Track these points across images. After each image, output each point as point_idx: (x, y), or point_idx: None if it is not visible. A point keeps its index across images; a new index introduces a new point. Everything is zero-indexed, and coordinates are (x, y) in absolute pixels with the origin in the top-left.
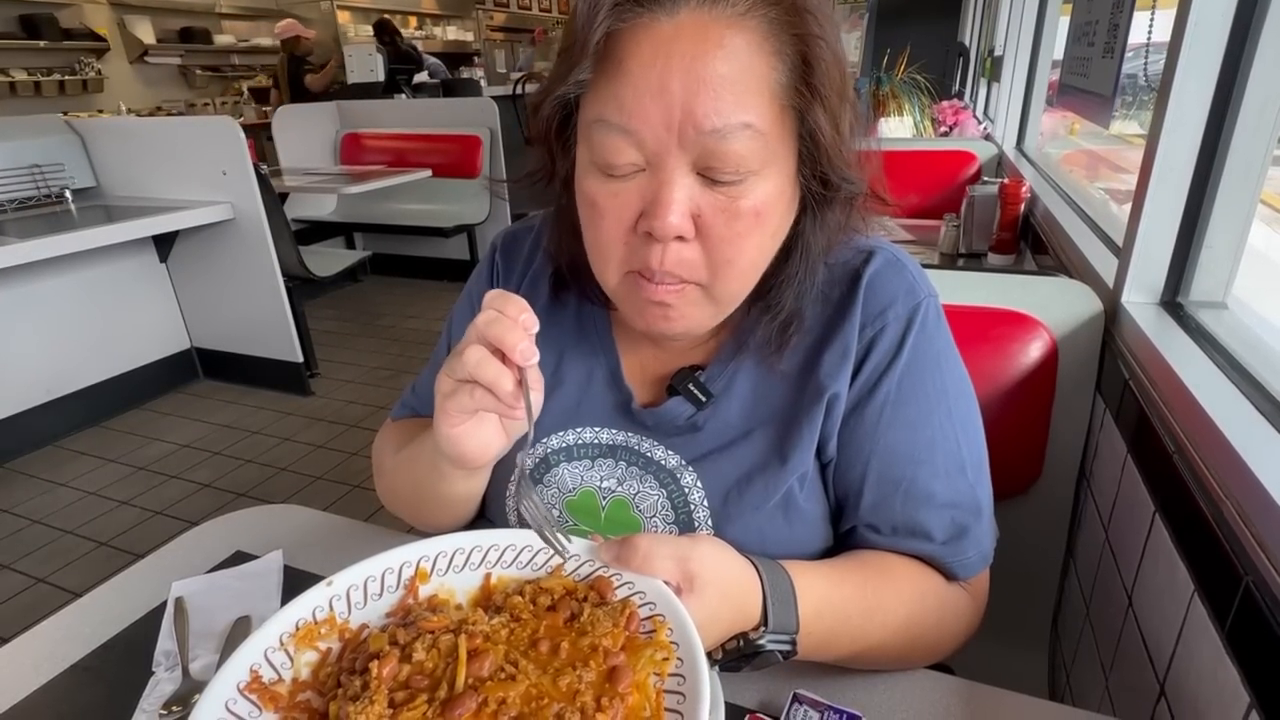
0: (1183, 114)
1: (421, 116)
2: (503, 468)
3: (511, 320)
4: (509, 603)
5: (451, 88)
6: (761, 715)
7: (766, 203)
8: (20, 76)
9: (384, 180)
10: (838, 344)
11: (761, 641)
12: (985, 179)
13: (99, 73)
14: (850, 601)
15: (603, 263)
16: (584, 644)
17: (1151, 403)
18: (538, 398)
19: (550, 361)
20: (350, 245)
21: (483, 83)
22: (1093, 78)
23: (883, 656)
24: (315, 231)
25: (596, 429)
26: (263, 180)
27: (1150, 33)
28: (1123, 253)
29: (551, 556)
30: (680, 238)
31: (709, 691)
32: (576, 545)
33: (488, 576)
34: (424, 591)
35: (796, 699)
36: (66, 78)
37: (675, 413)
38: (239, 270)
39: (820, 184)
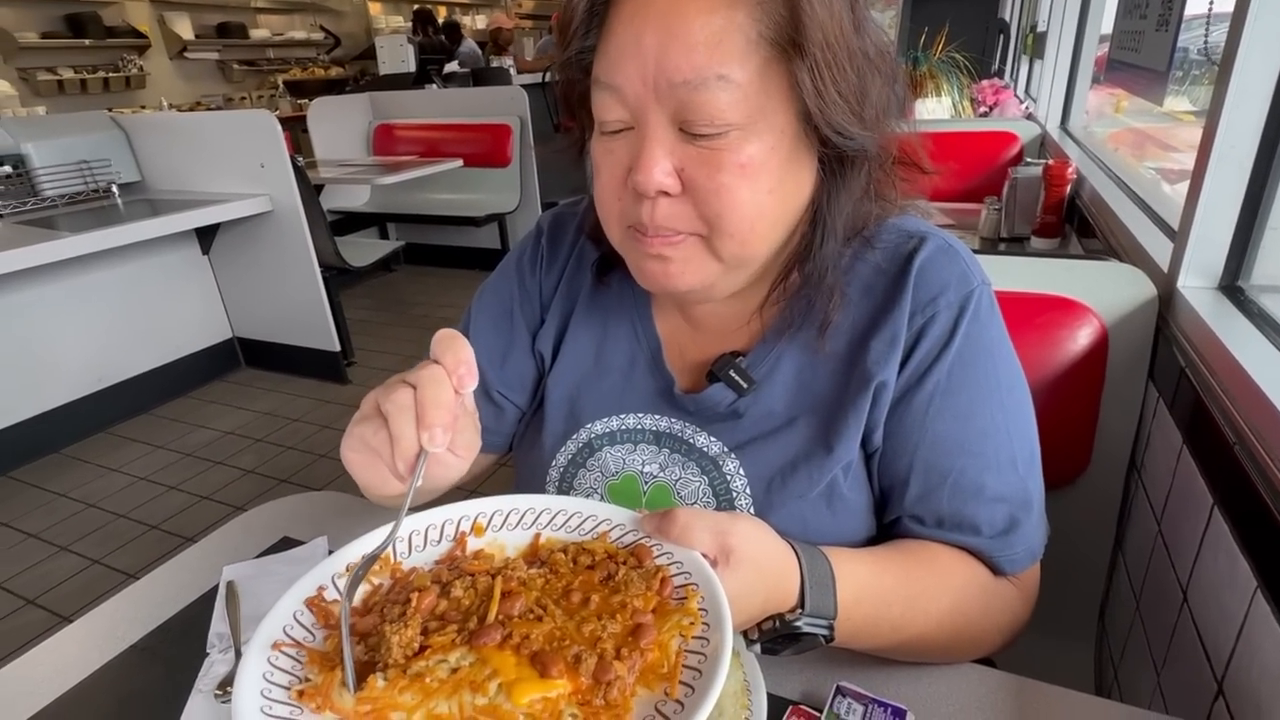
0: (1246, 89)
1: (452, 106)
2: (537, 461)
3: (444, 390)
4: (551, 558)
5: (481, 76)
6: (804, 707)
7: (754, 158)
8: (68, 75)
9: (416, 170)
10: (886, 331)
11: (798, 623)
12: (1028, 160)
13: (141, 69)
14: (892, 590)
15: (606, 220)
16: (614, 600)
17: (1210, 391)
18: (450, 466)
19: (592, 347)
20: (384, 235)
21: (512, 71)
22: (1145, 52)
23: (926, 648)
24: (350, 222)
25: (639, 414)
26: (299, 172)
27: (1211, 3)
28: (1178, 235)
29: (599, 523)
30: (665, 193)
31: (728, 658)
32: (621, 516)
33: (537, 536)
34: (476, 544)
35: (840, 691)
36: (110, 75)
37: (716, 399)
38: (278, 261)
39: (820, 143)
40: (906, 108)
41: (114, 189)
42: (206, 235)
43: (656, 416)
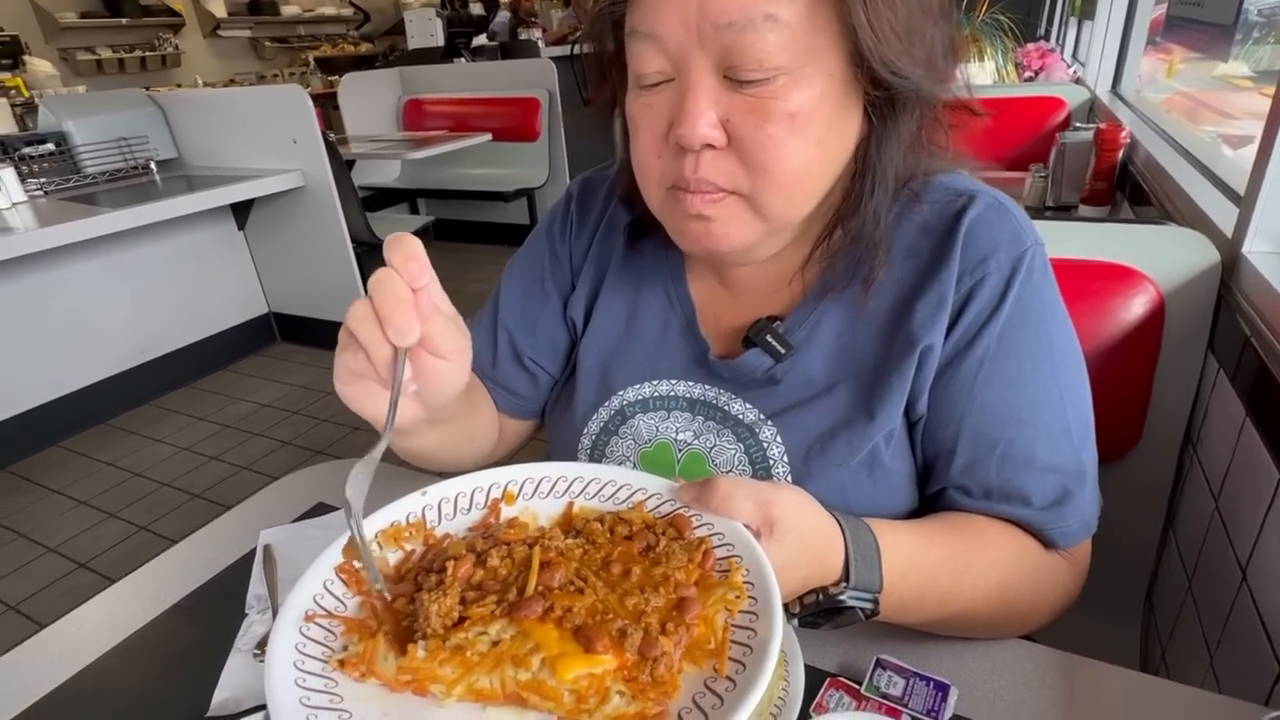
0: None
1: (480, 80)
2: (568, 429)
3: (398, 285)
4: (588, 528)
5: (509, 49)
6: (843, 679)
7: (804, 105)
8: (106, 54)
9: (445, 145)
10: (933, 293)
11: (842, 597)
12: (1077, 125)
13: (176, 48)
14: (938, 563)
15: (644, 180)
16: (656, 573)
17: (1278, 360)
18: (443, 372)
19: (624, 313)
20: (414, 211)
21: (540, 43)
22: (1209, 6)
23: (972, 623)
24: (380, 198)
25: (673, 381)
26: (330, 147)
27: None
28: (1245, 198)
29: (635, 492)
30: (710, 146)
31: (779, 636)
32: (657, 484)
33: (570, 504)
34: (509, 513)
35: (880, 664)
36: (147, 54)
37: (753, 365)
38: (311, 236)
39: (870, 84)
40: (957, 47)
41: (152, 166)
42: (241, 211)
43: (690, 383)
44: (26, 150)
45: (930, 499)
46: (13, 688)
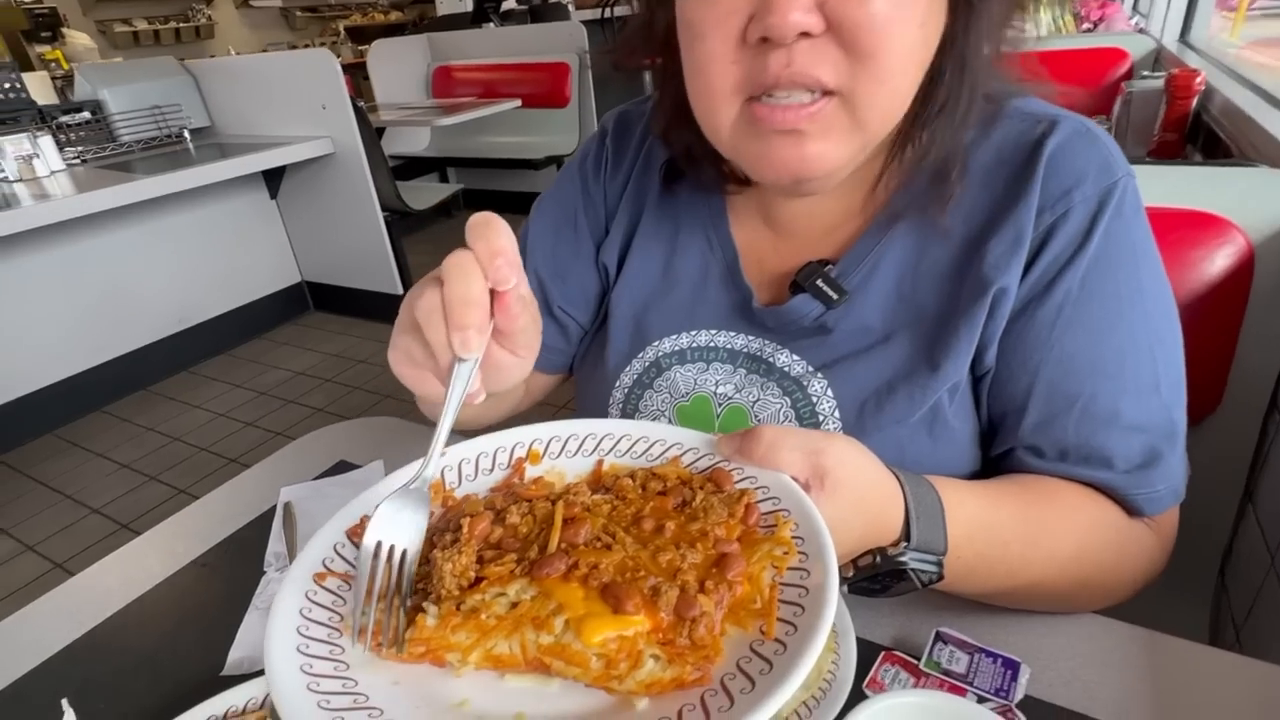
0: None
1: (509, 44)
2: (599, 382)
3: (473, 283)
4: (617, 485)
5: (539, 13)
6: (899, 653)
7: None
8: (141, 26)
9: (474, 112)
10: (1008, 230)
11: (902, 558)
12: (1144, 74)
13: (209, 19)
14: (1008, 526)
15: (710, 100)
16: (693, 528)
17: None
18: (509, 370)
19: (660, 258)
20: (444, 180)
21: (570, 6)
22: None
23: (1044, 595)
24: (410, 168)
25: (712, 331)
26: (359, 113)
27: None
28: None
29: (669, 448)
30: (805, 34)
31: (835, 593)
32: (693, 439)
33: (599, 463)
34: (534, 473)
35: (940, 638)
36: (181, 25)
37: (801, 312)
38: (342, 204)
39: None
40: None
41: (185, 134)
42: (274, 179)
43: (732, 333)
44: (64, 119)
45: (994, 462)
46: (29, 641)
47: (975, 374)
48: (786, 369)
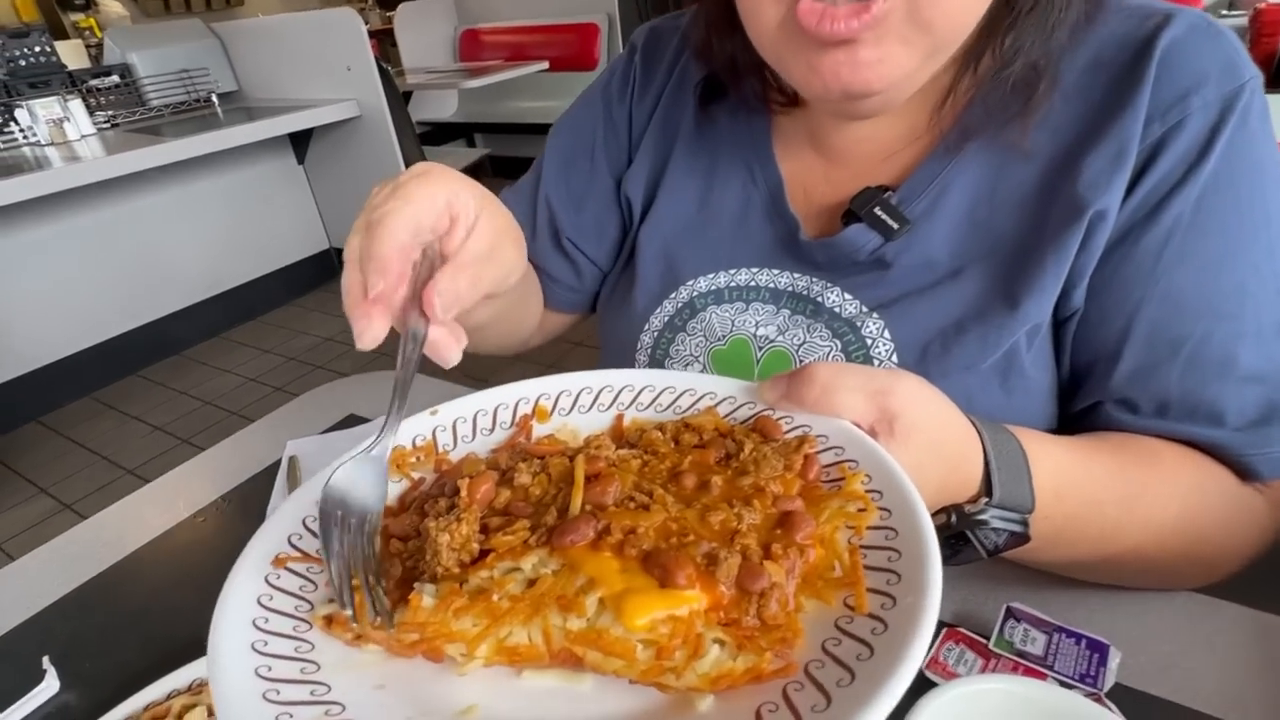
0: None
1: (538, 6)
2: (625, 327)
3: (384, 241)
4: (645, 439)
5: None
6: (964, 630)
7: None
8: None
9: (501, 74)
10: (1108, 143)
11: (984, 516)
12: (1223, 13)
13: None
14: (1102, 485)
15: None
16: (744, 484)
17: None
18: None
19: (695, 190)
20: (470, 146)
21: None
22: None
23: (1138, 567)
24: (437, 134)
25: (753, 269)
26: (384, 74)
27: None
28: None
29: (700, 398)
30: None
31: (937, 550)
32: (729, 386)
33: (619, 417)
34: (541, 431)
35: (1012, 614)
36: None
37: (856, 244)
38: (368, 170)
39: None
40: None
41: (214, 98)
42: (301, 144)
43: (775, 271)
44: (94, 83)
45: (1074, 419)
46: (15, 596)
47: (1058, 317)
48: (837, 309)
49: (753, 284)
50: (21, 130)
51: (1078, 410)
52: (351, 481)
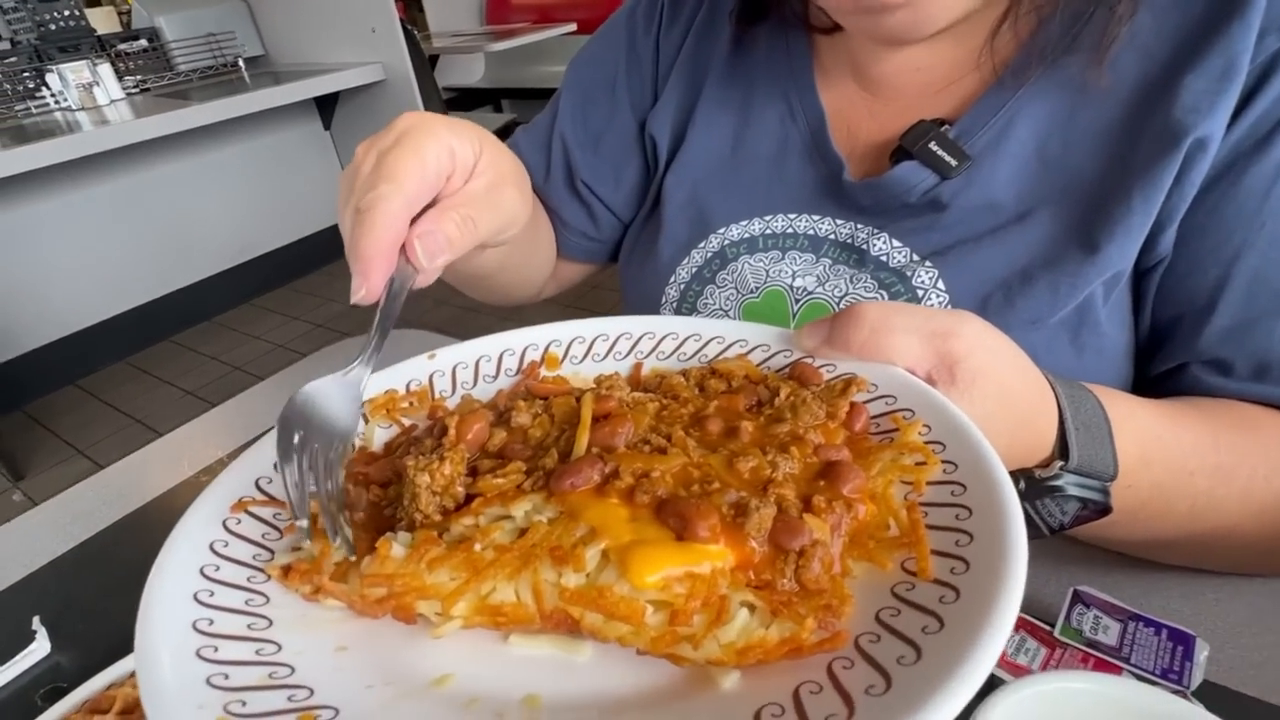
0: None
1: None
2: (650, 278)
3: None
4: (666, 384)
5: None
6: (1026, 616)
7: None
8: None
9: (527, 36)
10: (1213, 59)
11: (1059, 482)
12: None
13: None
14: (1193, 452)
15: None
16: (779, 431)
17: None
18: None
19: (729, 129)
20: (498, 112)
21: None
22: None
23: (1230, 548)
24: (464, 100)
25: (791, 215)
26: (409, 36)
27: None
28: None
29: (729, 346)
30: None
31: (1018, 507)
32: (762, 333)
33: (637, 366)
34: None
35: (1080, 599)
36: None
37: (907, 185)
38: None
39: None
40: None
41: (240, 63)
42: (327, 109)
43: (815, 217)
44: (122, 47)
45: (1153, 383)
46: (10, 554)
47: (1140, 266)
48: (884, 257)
49: (790, 231)
50: (53, 95)
51: (1158, 373)
52: (317, 404)
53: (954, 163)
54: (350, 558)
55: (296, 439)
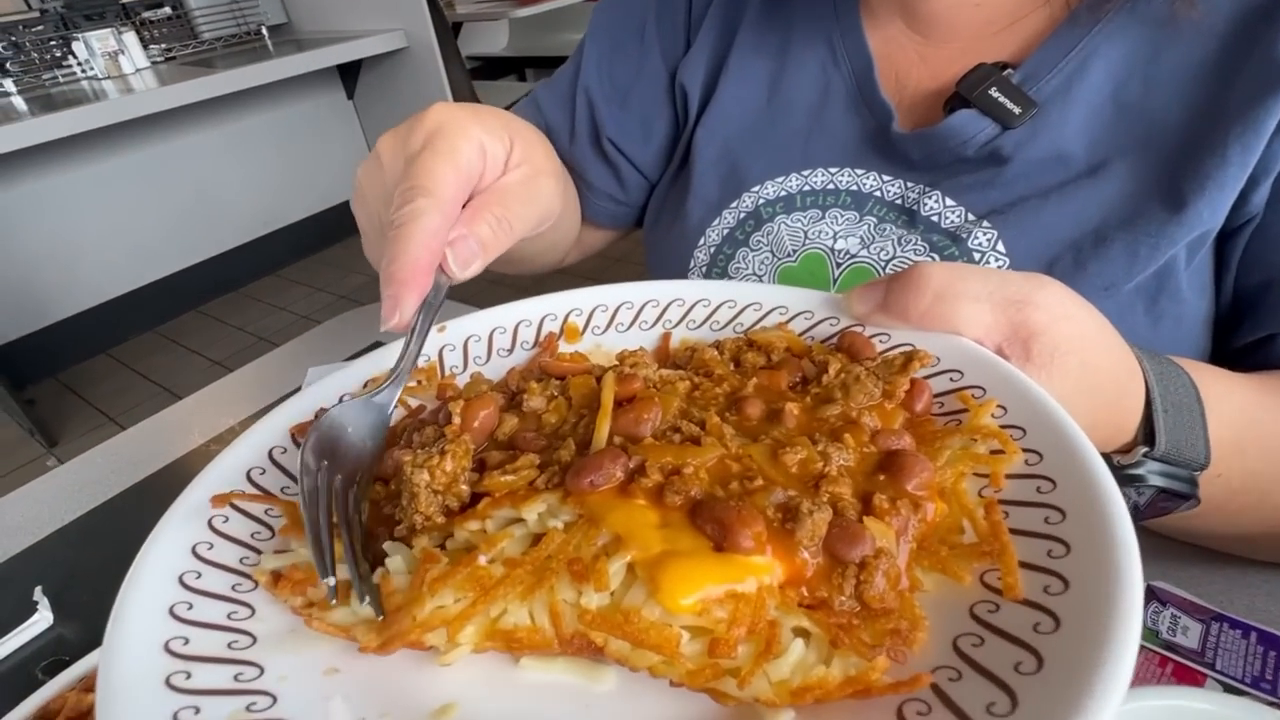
0: None
1: None
2: (677, 241)
3: (413, 240)
4: (697, 358)
5: None
6: None
7: None
8: None
9: (553, 2)
10: None
11: (1139, 471)
12: None
13: None
14: None
15: None
16: (829, 414)
17: None
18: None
19: (764, 78)
20: (522, 81)
21: None
22: None
23: None
24: (488, 69)
25: (832, 170)
26: (432, 2)
27: None
28: None
29: (767, 314)
30: None
31: (1125, 511)
32: (804, 299)
33: (665, 338)
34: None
35: (1156, 596)
36: None
37: (964, 135)
38: (417, 104)
39: None
40: None
41: (264, 30)
42: (350, 78)
43: (859, 171)
44: (146, 14)
45: (1233, 356)
46: (16, 523)
47: (1226, 226)
48: (936, 217)
49: (831, 188)
50: (79, 63)
51: (1241, 345)
52: (344, 432)
53: (1018, 110)
54: (378, 617)
55: (321, 477)
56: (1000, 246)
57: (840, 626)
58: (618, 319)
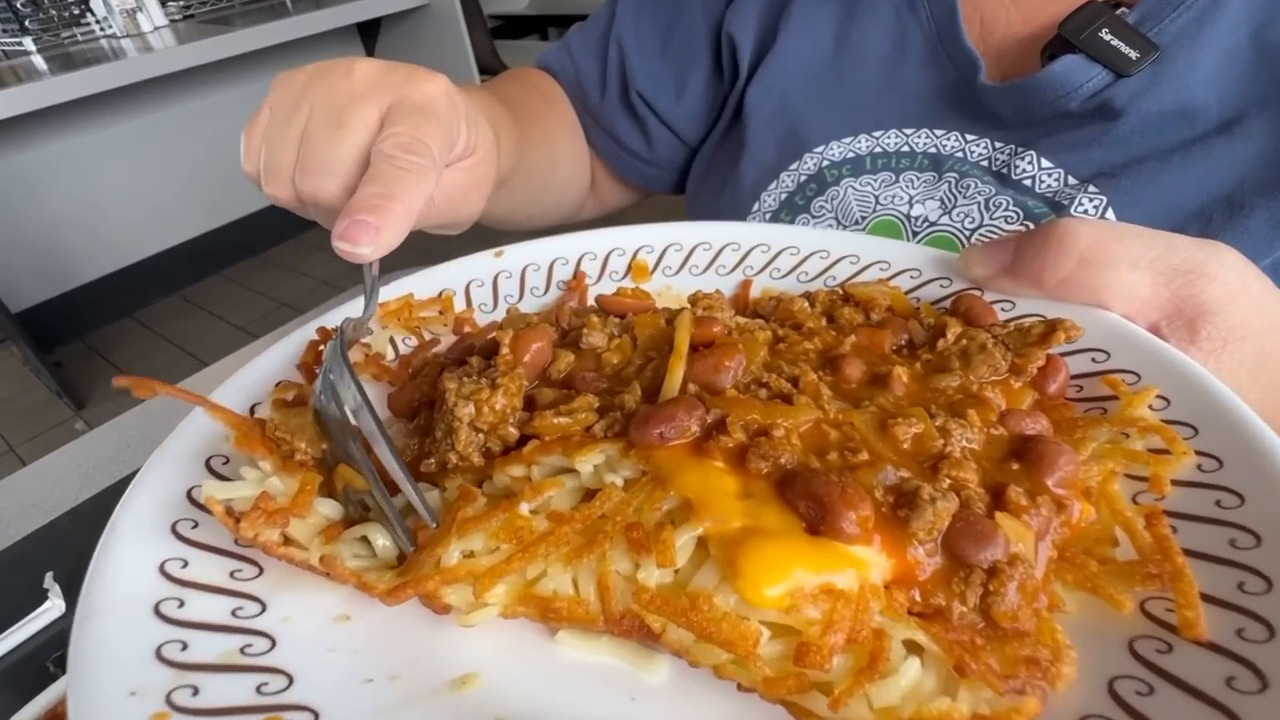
0: None
1: None
2: (729, 205)
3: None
4: (782, 308)
5: None
6: None
7: None
8: None
9: None
10: None
11: None
12: None
13: None
14: None
15: None
16: (945, 385)
17: None
18: None
19: (830, 28)
20: (544, 40)
21: None
22: None
23: None
24: (510, 28)
25: (907, 130)
26: None
27: None
28: None
29: (866, 268)
30: None
31: None
32: (910, 253)
33: (747, 284)
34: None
35: None
36: None
37: (1067, 86)
38: (437, 65)
39: None
40: None
41: None
42: (370, 36)
43: (939, 131)
44: None
45: None
46: (30, 502)
47: None
48: (1030, 181)
49: (906, 149)
50: (97, 21)
51: None
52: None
53: (1134, 55)
54: (409, 550)
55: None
56: (1109, 215)
57: (965, 647)
58: (692, 261)
